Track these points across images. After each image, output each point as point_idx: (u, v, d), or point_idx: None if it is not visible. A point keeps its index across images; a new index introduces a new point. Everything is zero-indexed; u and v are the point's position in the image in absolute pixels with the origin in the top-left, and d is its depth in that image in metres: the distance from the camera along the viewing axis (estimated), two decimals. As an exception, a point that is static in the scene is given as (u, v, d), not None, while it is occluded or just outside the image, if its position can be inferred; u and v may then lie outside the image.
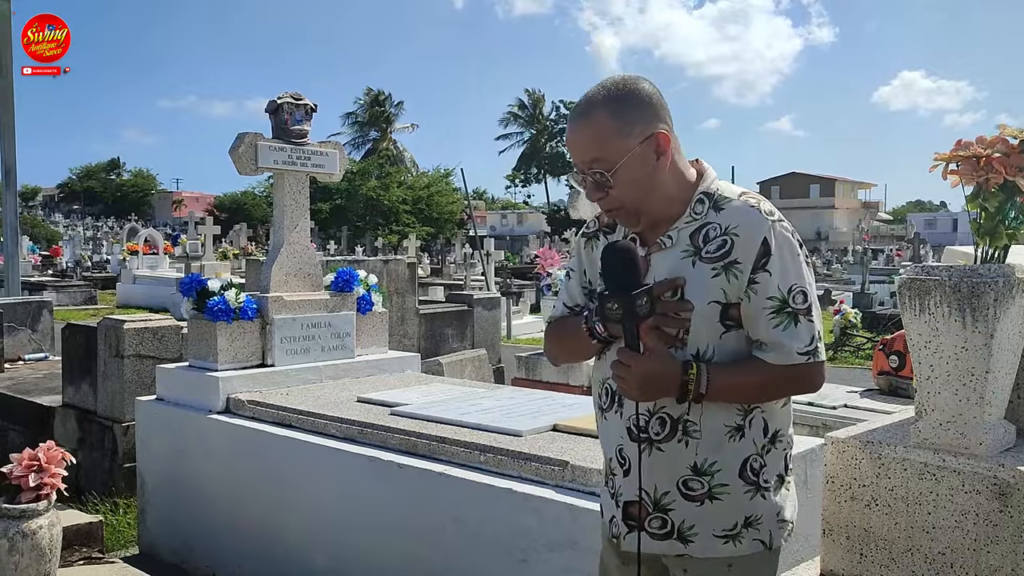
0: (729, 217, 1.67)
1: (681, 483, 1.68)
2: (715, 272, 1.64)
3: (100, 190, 72.82)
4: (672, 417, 1.67)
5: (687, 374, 1.61)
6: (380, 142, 57.95)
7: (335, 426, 3.67)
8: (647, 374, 1.59)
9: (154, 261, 22.53)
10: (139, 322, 5.35)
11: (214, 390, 4.18)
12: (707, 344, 1.65)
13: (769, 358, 1.64)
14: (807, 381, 1.68)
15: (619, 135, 1.63)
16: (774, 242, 1.64)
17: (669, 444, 1.68)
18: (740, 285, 1.63)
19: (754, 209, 1.67)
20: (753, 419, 1.69)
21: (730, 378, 1.64)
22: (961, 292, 2.00)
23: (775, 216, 1.68)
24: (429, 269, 25.88)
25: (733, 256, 1.64)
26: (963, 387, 2.04)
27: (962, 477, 2.00)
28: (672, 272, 1.67)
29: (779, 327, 1.63)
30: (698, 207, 1.70)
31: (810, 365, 1.65)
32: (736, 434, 1.67)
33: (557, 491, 2.85)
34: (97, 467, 5.35)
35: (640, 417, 1.67)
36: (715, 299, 1.64)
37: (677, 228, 1.70)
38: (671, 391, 1.61)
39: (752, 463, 1.69)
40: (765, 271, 1.63)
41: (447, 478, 3.09)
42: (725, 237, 1.65)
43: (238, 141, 4.49)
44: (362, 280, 4.84)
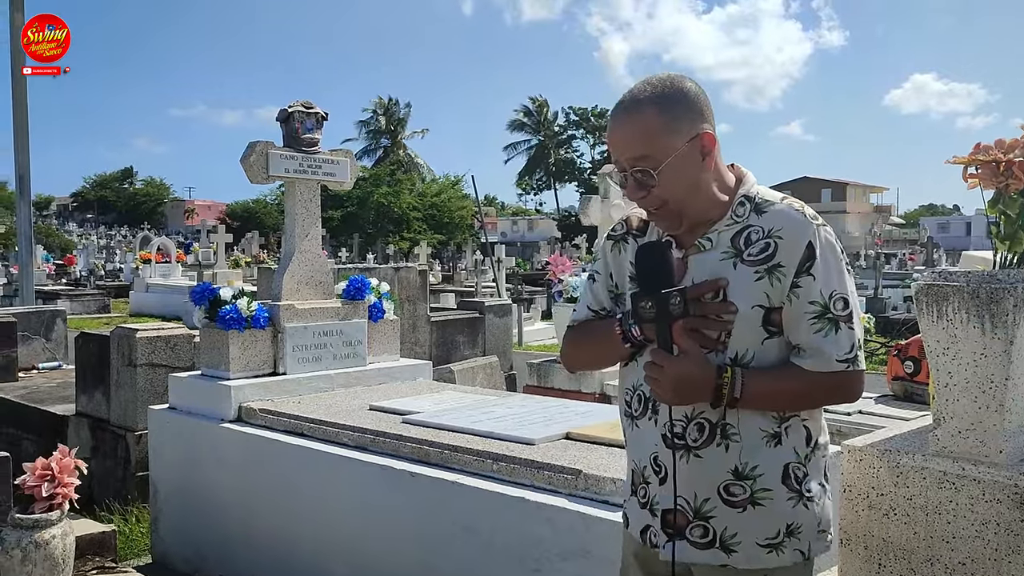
0: (772, 220, 1.64)
1: (722, 488, 1.65)
2: (758, 275, 1.61)
3: (113, 199, 73.35)
4: (711, 422, 1.64)
5: (721, 377, 1.58)
6: (392, 149, 58.13)
7: (347, 435, 3.66)
8: (681, 376, 1.56)
9: (166, 269, 22.66)
10: (151, 331, 5.37)
11: (226, 399, 4.18)
12: (747, 349, 1.62)
13: (807, 364, 1.61)
14: (846, 390, 1.65)
15: (666, 133, 1.61)
16: (819, 246, 1.62)
17: (708, 450, 1.65)
18: (783, 289, 1.61)
19: (799, 212, 1.65)
20: (791, 426, 1.66)
21: (766, 384, 1.61)
22: (980, 298, 1.97)
23: (819, 220, 1.66)
24: (440, 276, 25.89)
25: (777, 259, 1.61)
26: (982, 394, 2.01)
27: (982, 486, 1.97)
28: (713, 274, 1.64)
29: (820, 332, 1.61)
30: (739, 210, 1.68)
31: (849, 374, 1.63)
32: (772, 440, 1.64)
33: (570, 500, 2.82)
34: (110, 476, 5.36)
35: (676, 423, 1.65)
36: (758, 303, 1.61)
37: (717, 231, 1.67)
38: (705, 394, 1.59)
39: (795, 471, 1.66)
40: (809, 275, 1.60)
41: (459, 487, 3.07)
42: (768, 240, 1.62)
43: (249, 150, 4.50)
44: (373, 288, 4.84)
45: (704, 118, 1.65)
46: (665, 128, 1.61)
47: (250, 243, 30.35)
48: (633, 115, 1.63)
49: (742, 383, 1.59)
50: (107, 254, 33.53)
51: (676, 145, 1.61)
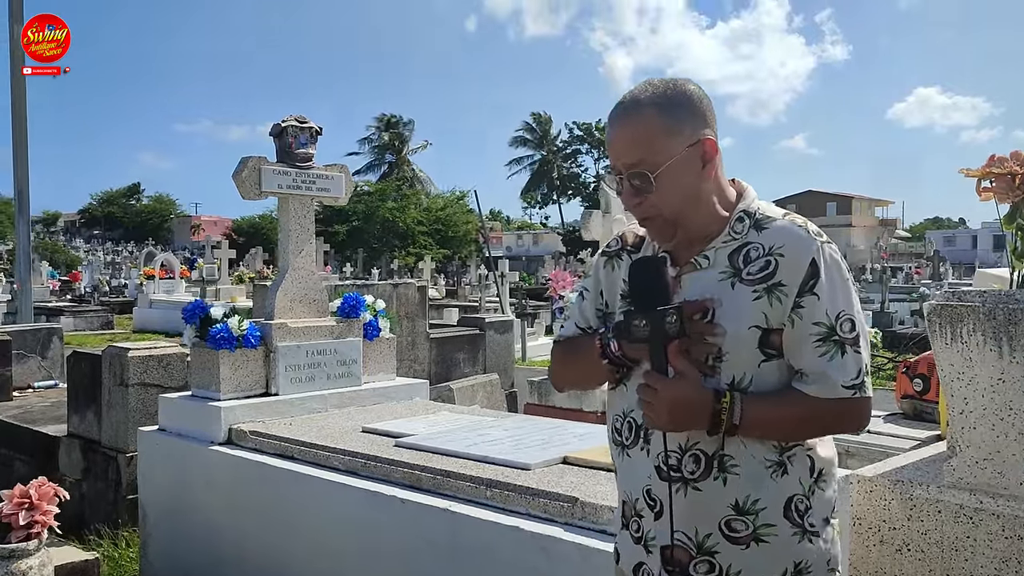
0: (773, 237, 1.55)
1: (724, 524, 1.54)
2: (756, 295, 1.52)
3: (121, 215, 73.54)
4: (707, 454, 1.54)
5: (720, 402, 1.48)
6: (396, 164, 58.21)
7: (338, 458, 3.54)
8: (677, 400, 1.46)
9: (170, 285, 22.62)
10: (143, 350, 5.26)
11: (216, 420, 4.07)
12: (744, 372, 1.53)
13: (811, 390, 1.51)
14: (851, 418, 1.55)
15: (666, 136, 1.53)
16: (823, 264, 1.53)
17: (706, 483, 1.54)
18: (784, 309, 1.52)
19: (801, 228, 1.56)
20: (795, 455, 1.56)
21: (767, 410, 1.51)
22: (997, 319, 1.85)
23: (823, 237, 1.57)
24: (444, 291, 25.80)
25: (777, 278, 1.52)
26: (1000, 422, 1.89)
27: (1002, 521, 1.85)
28: (709, 294, 1.55)
29: (825, 356, 1.51)
30: (738, 226, 1.58)
31: (856, 401, 1.52)
32: (778, 469, 1.54)
33: (566, 529, 2.70)
34: (101, 498, 5.25)
35: (671, 455, 1.54)
36: (755, 323, 1.52)
37: (714, 248, 1.58)
38: (702, 421, 1.49)
39: (797, 504, 1.55)
40: (812, 294, 1.51)
41: (451, 515, 2.95)
42: (769, 258, 1.53)
43: (241, 165, 4.41)
44: (369, 305, 4.73)
45: (707, 123, 1.57)
46: (665, 131, 1.53)
47: (254, 259, 30.33)
48: (632, 116, 1.56)
49: (741, 409, 1.49)
50: (113, 270, 33.57)
51: (675, 149, 1.53)
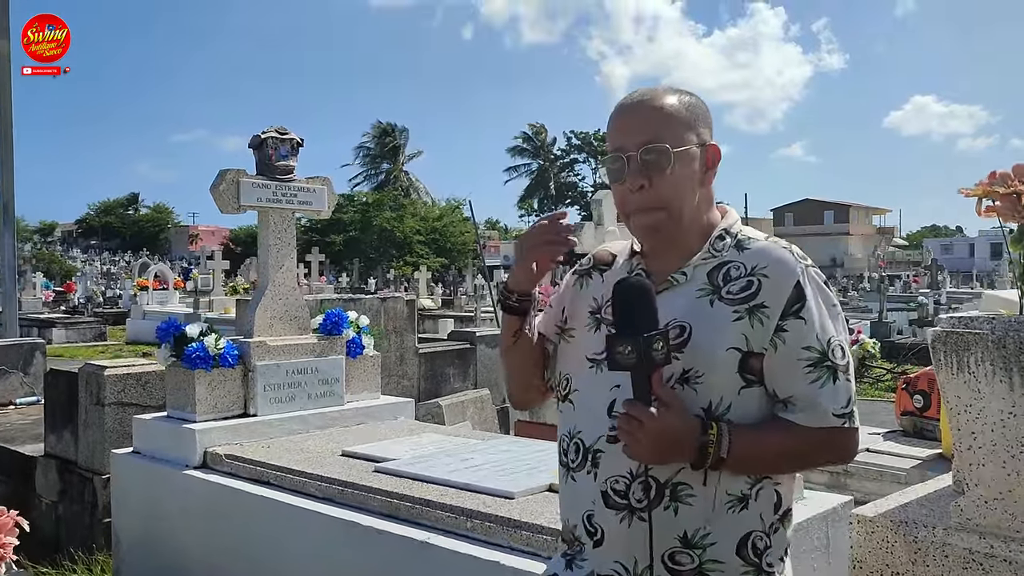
0: (756, 257, 1.49)
1: (667, 556, 1.44)
2: (737, 315, 1.44)
3: (118, 225, 73.35)
4: (658, 481, 1.43)
5: (707, 434, 1.39)
6: (392, 173, 58.14)
7: (314, 484, 3.39)
8: (662, 432, 1.36)
9: (164, 296, 22.46)
10: (121, 368, 5.11)
11: (190, 443, 3.91)
12: (721, 398, 1.43)
13: (799, 418, 1.43)
14: (840, 450, 1.47)
15: (684, 124, 1.51)
16: (808, 287, 1.46)
17: (654, 513, 1.43)
18: (766, 332, 1.44)
19: (785, 250, 1.51)
20: (762, 490, 1.46)
21: (753, 441, 1.42)
22: (1007, 348, 1.71)
23: (808, 261, 1.52)
24: (441, 300, 25.63)
25: (760, 299, 1.44)
26: (1012, 459, 1.74)
27: (1015, 568, 1.70)
28: (686, 312, 1.47)
29: (816, 383, 1.43)
30: (718, 243, 1.53)
31: (845, 431, 1.45)
32: (738, 505, 1.45)
33: (550, 565, 2.55)
34: (77, 521, 5.09)
35: (620, 480, 1.46)
36: (734, 345, 1.43)
37: (693, 265, 1.52)
38: (687, 453, 1.39)
39: (755, 542, 1.46)
40: (799, 318, 1.44)
41: (428, 547, 2.79)
42: (751, 278, 1.47)
43: (219, 178, 4.27)
44: (352, 322, 4.58)
45: (710, 133, 1.57)
46: (683, 120, 1.51)
47: (249, 269, 30.15)
48: (651, 101, 1.53)
49: (729, 441, 1.39)
50: (108, 281, 33.37)
51: (690, 140, 1.51)
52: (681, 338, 1.45)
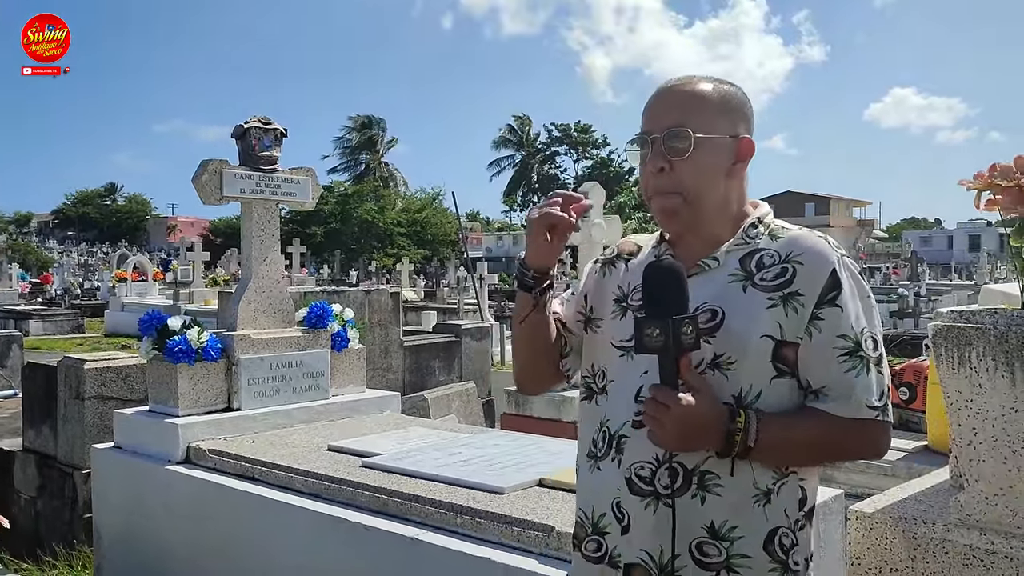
0: (790, 245, 1.46)
1: (695, 546, 1.40)
2: (771, 302, 1.41)
3: (96, 216, 72.48)
4: (686, 468, 1.40)
5: (734, 422, 1.35)
6: (371, 164, 57.84)
7: (300, 480, 3.34)
8: (689, 418, 1.33)
9: (143, 288, 22.21)
10: (101, 361, 5.03)
11: (173, 438, 3.85)
12: (751, 386, 1.40)
13: (833, 408, 1.39)
14: (873, 444, 1.43)
15: (716, 112, 1.49)
16: (844, 275, 1.43)
17: (681, 500, 1.40)
18: (800, 321, 1.40)
19: (820, 239, 1.47)
20: (786, 485, 1.42)
21: (783, 431, 1.38)
22: (1009, 343, 1.69)
23: (842, 251, 1.47)
24: (423, 292, 25.55)
25: (795, 287, 1.41)
26: (1013, 455, 1.72)
27: (1016, 564, 1.69)
28: (718, 297, 1.44)
29: (851, 372, 1.39)
30: (751, 231, 1.50)
31: (878, 424, 1.41)
32: (763, 499, 1.41)
33: (541, 561, 2.52)
34: (57, 517, 5.01)
35: (645, 466, 1.42)
36: (768, 332, 1.40)
37: (724, 250, 1.48)
38: (714, 441, 1.36)
39: (782, 538, 1.42)
40: (835, 306, 1.40)
41: (418, 544, 2.75)
42: (786, 265, 1.43)
43: (201, 169, 4.20)
44: (336, 315, 4.53)
45: (747, 126, 1.53)
46: (715, 108, 1.49)
47: (229, 261, 29.94)
48: (684, 86, 1.51)
49: (757, 429, 1.36)
50: (86, 272, 32.99)
51: (719, 129, 1.48)
52: (713, 322, 1.42)
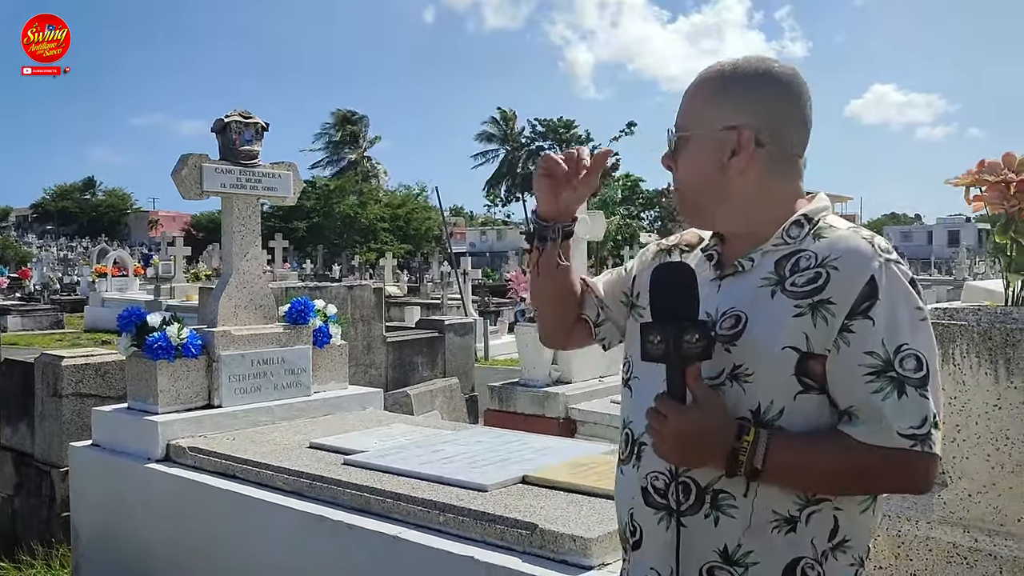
0: (830, 247, 1.32)
1: (705, 570, 1.31)
2: (798, 310, 1.28)
3: (75, 210, 71.78)
4: (699, 485, 1.31)
5: (740, 440, 1.24)
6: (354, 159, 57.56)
7: (282, 478, 3.31)
8: (688, 432, 1.24)
9: (123, 283, 22.03)
10: (79, 358, 4.96)
11: (152, 435, 3.80)
12: (772, 402, 1.28)
13: (859, 433, 1.25)
14: (908, 476, 1.27)
15: (706, 105, 1.39)
16: (884, 283, 1.27)
17: (693, 519, 1.32)
18: (829, 332, 1.27)
19: (865, 241, 1.31)
20: (816, 513, 1.29)
21: (799, 453, 1.26)
22: (992, 340, 1.69)
23: (892, 255, 1.31)
24: (407, 288, 25.47)
25: (826, 294, 1.27)
26: (996, 452, 1.73)
27: (999, 562, 1.69)
28: (744, 302, 1.33)
29: (877, 394, 1.24)
30: (793, 230, 1.36)
31: (915, 455, 1.23)
32: (784, 526, 1.29)
33: (524, 559, 2.50)
34: (35, 515, 4.95)
35: (660, 477, 1.34)
36: (792, 344, 1.27)
37: (761, 250, 1.36)
38: (716, 459, 1.26)
39: (806, 570, 1.29)
40: (867, 318, 1.26)
41: (400, 542, 2.73)
42: (820, 269, 1.29)
43: (181, 163, 4.14)
44: (319, 311, 4.49)
45: (756, 112, 1.36)
46: (708, 100, 1.39)
47: (211, 256, 29.71)
48: (700, 77, 1.44)
49: (766, 450, 1.24)
50: (65, 267, 32.67)
51: (707, 123, 1.38)
52: (735, 329, 1.32)
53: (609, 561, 2.45)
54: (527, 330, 6.02)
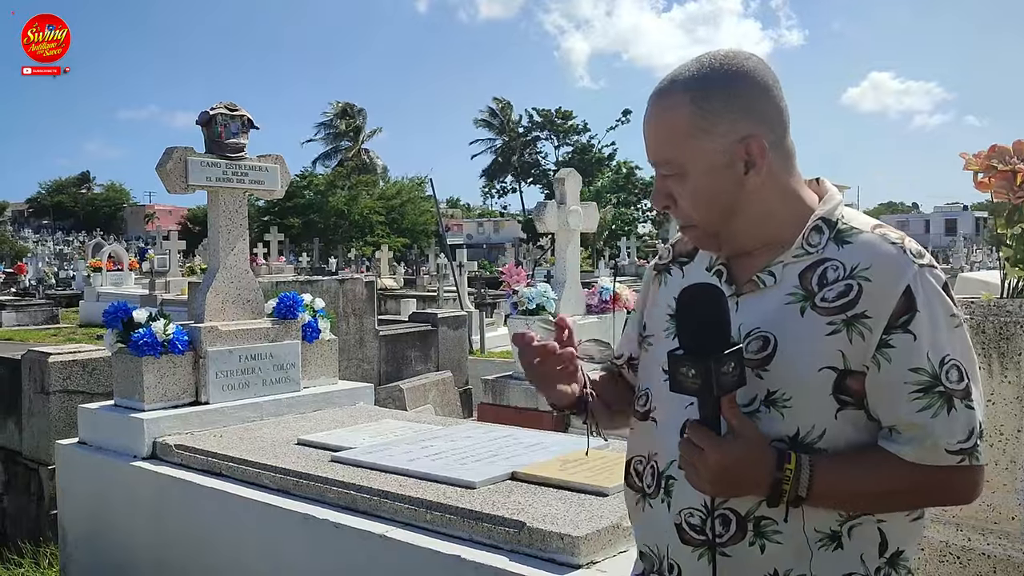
0: (858, 254, 1.23)
1: None
2: (833, 328, 1.21)
3: (71, 204, 71.67)
4: (739, 515, 1.25)
5: (782, 469, 1.18)
6: (351, 152, 57.39)
7: (268, 476, 3.26)
8: (727, 465, 1.18)
9: (118, 278, 21.92)
10: (66, 354, 4.92)
11: (138, 433, 3.76)
12: (813, 425, 1.22)
13: (905, 453, 1.19)
14: (956, 491, 1.23)
15: (696, 132, 1.26)
16: (921, 294, 1.20)
17: (737, 548, 1.25)
18: (867, 348, 1.20)
19: (895, 246, 1.23)
20: (857, 527, 1.24)
21: (844, 477, 1.20)
22: (986, 334, 1.64)
23: (924, 260, 1.23)
24: (403, 280, 25.43)
25: (860, 307, 1.20)
26: (989, 448, 1.68)
27: (992, 562, 1.64)
28: (772, 322, 1.25)
29: (926, 412, 1.18)
30: (814, 237, 1.27)
31: (964, 470, 1.20)
32: (829, 543, 1.23)
33: (512, 558, 2.46)
34: (23, 513, 4.91)
35: (695, 513, 1.27)
36: (829, 364, 1.21)
37: (783, 263, 1.27)
38: (758, 489, 1.20)
39: None
40: (907, 332, 1.19)
41: (387, 541, 2.69)
42: (851, 281, 1.22)
43: (166, 157, 4.09)
44: (307, 305, 4.44)
45: (757, 116, 1.27)
46: (692, 128, 1.26)
47: (206, 250, 29.64)
48: (663, 103, 1.29)
49: (810, 477, 1.18)
50: (61, 261, 32.59)
51: (707, 149, 1.26)
52: (764, 352, 1.24)
53: (598, 559, 2.42)
54: (519, 323, 5.98)
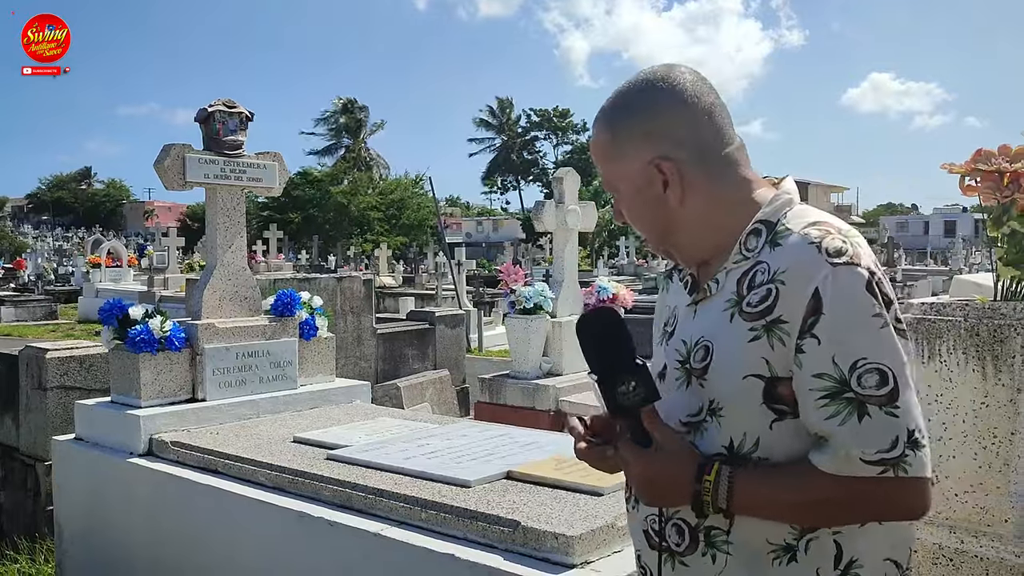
0: (781, 257, 1.20)
1: None
2: (754, 334, 1.19)
3: (71, 200, 71.64)
4: (689, 525, 1.26)
5: (701, 481, 1.19)
6: (353, 148, 57.31)
7: (264, 473, 3.26)
8: (650, 477, 1.23)
9: (117, 274, 21.92)
10: (64, 350, 4.91)
11: (135, 430, 3.76)
12: (745, 434, 1.21)
13: (821, 463, 1.16)
14: (892, 504, 1.16)
15: (615, 156, 1.31)
16: (829, 295, 1.14)
17: (692, 557, 1.27)
18: (788, 353, 1.17)
19: (812, 246, 1.18)
20: (815, 540, 1.20)
21: (766, 489, 1.19)
22: (980, 336, 1.64)
23: (843, 258, 1.16)
24: (402, 278, 25.42)
25: (777, 312, 1.18)
26: (983, 450, 1.68)
27: (985, 564, 1.64)
28: (711, 330, 1.25)
29: (833, 419, 1.14)
30: (751, 241, 1.26)
31: (892, 482, 1.13)
32: (783, 555, 1.21)
33: (507, 557, 2.46)
34: (20, 509, 4.91)
35: (658, 519, 1.30)
36: (754, 372, 1.19)
37: (725, 269, 1.27)
38: (682, 500, 1.22)
39: None
40: (812, 337, 1.15)
41: (382, 539, 2.69)
42: (771, 285, 1.19)
43: (163, 153, 4.09)
44: (304, 303, 4.44)
45: (654, 138, 1.27)
46: (613, 151, 1.32)
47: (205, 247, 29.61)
48: (594, 130, 1.37)
49: (729, 488, 1.18)
50: (61, 257, 32.57)
51: (627, 172, 1.31)
52: (705, 362, 1.25)
53: (592, 559, 2.41)
54: (517, 322, 5.98)
